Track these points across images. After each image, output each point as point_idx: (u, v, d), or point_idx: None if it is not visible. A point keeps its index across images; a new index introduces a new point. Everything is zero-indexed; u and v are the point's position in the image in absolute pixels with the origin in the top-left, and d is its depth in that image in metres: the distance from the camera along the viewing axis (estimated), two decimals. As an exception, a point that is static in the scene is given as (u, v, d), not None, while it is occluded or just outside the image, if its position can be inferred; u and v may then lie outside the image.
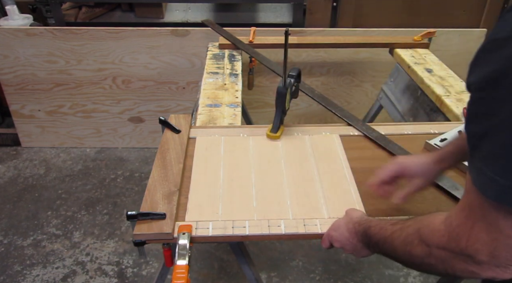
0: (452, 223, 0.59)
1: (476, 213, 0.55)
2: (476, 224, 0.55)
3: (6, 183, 2.28)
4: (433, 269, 0.63)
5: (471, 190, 0.56)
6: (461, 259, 0.58)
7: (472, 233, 0.56)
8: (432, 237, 0.61)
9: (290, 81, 1.17)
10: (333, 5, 2.33)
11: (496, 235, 0.54)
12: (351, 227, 0.82)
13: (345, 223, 0.84)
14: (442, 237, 0.60)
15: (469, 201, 0.56)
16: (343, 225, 0.84)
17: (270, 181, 1.03)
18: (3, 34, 2.19)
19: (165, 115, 1.24)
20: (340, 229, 0.84)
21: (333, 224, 0.87)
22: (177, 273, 0.79)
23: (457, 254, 0.58)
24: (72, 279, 1.77)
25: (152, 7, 2.77)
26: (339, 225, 0.85)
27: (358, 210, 0.90)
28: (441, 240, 0.60)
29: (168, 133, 1.18)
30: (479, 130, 0.53)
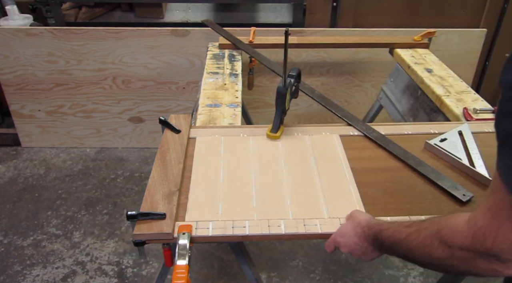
0: (477, 223, 0.58)
1: (503, 213, 0.55)
2: (504, 224, 0.55)
3: (6, 183, 2.28)
4: (454, 269, 0.63)
5: (499, 189, 0.55)
6: (486, 259, 0.58)
7: (499, 233, 0.55)
8: (455, 239, 0.61)
9: (290, 81, 1.17)
10: (333, 5, 2.33)
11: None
12: (360, 232, 0.81)
13: (353, 228, 0.83)
14: (465, 239, 0.59)
15: (497, 201, 0.56)
16: (351, 229, 0.83)
17: (270, 181, 1.03)
18: (3, 34, 2.19)
19: (165, 115, 1.24)
20: (348, 235, 0.83)
21: (339, 230, 0.86)
22: (177, 273, 0.79)
23: (482, 254, 0.58)
24: (72, 279, 1.77)
25: (152, 7, 2.77)
26: (345, 230, 0.85)
27: (365, 212, 0.89)
28: (465, 242, 0.59)
29: (168, 133, 1.18)
30: (510, 127, 0.53)
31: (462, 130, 1.20)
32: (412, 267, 1.83)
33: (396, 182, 1.03)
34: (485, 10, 2.36)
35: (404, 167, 1.09)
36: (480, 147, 1.13)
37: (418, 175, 1.05)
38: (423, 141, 1.16)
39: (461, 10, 2.37)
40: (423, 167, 1.06)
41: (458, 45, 2.30)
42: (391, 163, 1.10)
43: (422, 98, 1.59)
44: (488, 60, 2.50)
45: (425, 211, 0.94)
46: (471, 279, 1.71)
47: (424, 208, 0.95)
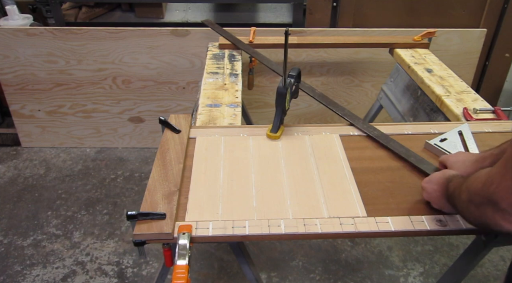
0: (491, 170, 0.64)
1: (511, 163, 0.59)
2: (509, 173, 0.59)
3: (6, 183, 2.28)
4: (472, 217, 0.70)
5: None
6: (490, 206, 0.62)
7: (502, 181, 0.60)
8: (472, 184, 0.68)
9: (290, 81, 1.17)
10: (333, 5, 2.33)
11: None
12: (443, 182, 0.87)
13: (438, 177, 0.89)
14: (479, 183, 0.66)
15: (509, 153, 0.60)
16: (436, 178, 0.90)
17: (270, 181, 1.03)
18: (3, 34, 2.19)
19: (165, 115, 1.24)
20: (432, 182, 0.90)
21: (430, 176, 0.93)
22: (177, 273, 0.79)
23: (486, 199, 0.63)
24: (72, 279, 1.77)
25: (152, 7, 2.77)
26: (431, 178, 0.92)
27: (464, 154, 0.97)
28: (478, 186, 0.66)
29: (168, 133, 1.18)
30: None
31: (462, 130, 1.20)
32: (412, 267, 1.83)
33: (396, 182, 1.03)
34: (485, 10, 2.36)
35: (404, 167, 1.09)
36: (480, 147, 1.13)
37: (418, 175, 1.05)
38: (423, 141, 1.16)
39: (461, 10, 2.37)
40: (424, 165, 1.06)
41: (458, 45, 2.30)
42: (391, 163, 1.10)
43: (422, 98, 1.59)
44: (488, 60, 2.50)
45: (425, 211, 0.94)
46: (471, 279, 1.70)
47: (424, 208, 0.95)
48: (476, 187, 0.67)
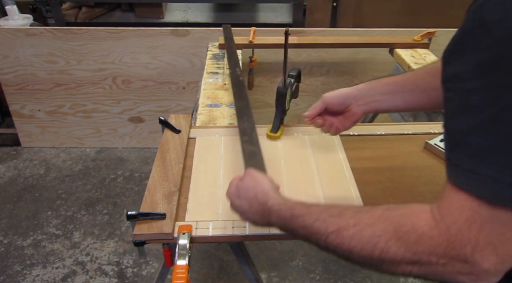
0: (450, 228, 0.50)
1: (481, 214, 0.48)
2: (485, 227, 0.48)
3: (6, 183, 2.28)
4: (408, 274, 0.56)
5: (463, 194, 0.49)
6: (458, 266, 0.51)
7: (479, 238, 0.48)
8: (423, 246, 0.52)
9: (290, 81, 1.17)
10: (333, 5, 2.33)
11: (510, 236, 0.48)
12: (258, 208, 0.70)
13: (249, 199, 0.72)
14: (438, 246, 0.51)
15: (468, 203, 0.49)
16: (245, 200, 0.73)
17: (270, 181, 1.03)
18: (3, 34, 2.19)
19: (165, 115, 1.24)
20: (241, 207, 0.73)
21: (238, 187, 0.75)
22: (177, 273, 0.79)
23: (458, 261, 0.50)
24: (72, 279, 1.77)
25: (152, 7, 2.77)
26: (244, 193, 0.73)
27: (266, 178, 0.75)
28: (437, 249, 0.51)
29: (168, 133, 1.18)
30: (467, 124, 0.47)
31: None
32: (412, 267, 1.83)
33: (396, 182, 1.03)
34: (485, 10, 2.36)
35: (404, 167, 1.09)
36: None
37: (418, 174, 1.05)
38: (423, 141, 1.16)
39: (461, 10, 2.37)
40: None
41: (458, 45, 2.30)
42: (391, 163, 1.10)
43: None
44: (488, 60, 2.49)
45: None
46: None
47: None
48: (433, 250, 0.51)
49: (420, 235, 0.52)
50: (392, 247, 0.54)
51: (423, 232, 0.52)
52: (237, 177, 0.78)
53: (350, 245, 0.58)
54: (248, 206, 0.72)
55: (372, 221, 0.57)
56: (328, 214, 0.61)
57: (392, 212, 0.57)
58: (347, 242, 0.58)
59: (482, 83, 0.46)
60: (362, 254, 0.57)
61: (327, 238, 0.60)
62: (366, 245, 0.56)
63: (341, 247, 0.59)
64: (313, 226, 0.62)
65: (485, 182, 0.46)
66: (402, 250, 0.54)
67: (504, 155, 0.45)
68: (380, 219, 0.56)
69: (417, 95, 0.82)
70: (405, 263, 0.54)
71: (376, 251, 0.55)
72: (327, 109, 0.95)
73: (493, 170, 0.46)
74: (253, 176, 0.76)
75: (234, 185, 0.77)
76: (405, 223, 0.54)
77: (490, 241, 0.48)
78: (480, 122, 0.46)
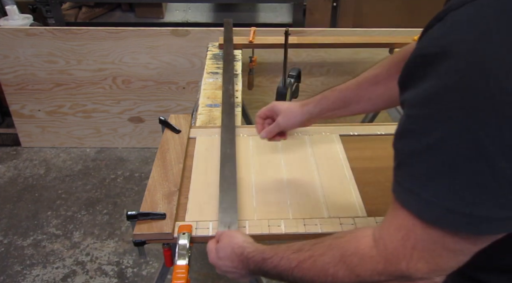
0: (387, 246, 0.55)
1: (415, 233, 0.52)
2: (418, 245, 0.52)
3: (6, 183, 2.28)
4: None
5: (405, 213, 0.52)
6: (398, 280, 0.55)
7: (413, 254, 0.52)
8: (365, 266, 0.57)
9: (290, 81, 1.17)
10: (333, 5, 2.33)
11: (440, 251, 0.52)
12: (235, 259, 0.74)
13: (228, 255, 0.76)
14: (377, 264, 0.56)
15: (406, 220, 0.52)
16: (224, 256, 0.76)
17: (270, 181, 1.03)
18: (3, 34, 2.19)
19: (165, 115, 1.24)
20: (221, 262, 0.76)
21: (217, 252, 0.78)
22: (177, 273, 0.79)
23: (396, 277, 0.55)
24: (72, 279, 1.77)
25: (152, 7, 2.77)
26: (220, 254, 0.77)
27: (236, 233, 0.80)
28: (377, 267, 0.56)
29: (168, 133, 1.18)
30: (410, 148, 0.50)
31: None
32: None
33: (396, 182, 1.03)
34: (485, 10, 2.36)
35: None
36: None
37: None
38: (423, 141, 1.16)
39: (461, 10, 2.37)
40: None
41: (458, 45, 2.30)
42: (391, 163, 1.09)
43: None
44: (488, 60, 2.49)
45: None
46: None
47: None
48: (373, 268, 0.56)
49: (362, 256, 0.57)
50: (339, 272, 0.59)
51: (364, 253, 0.57)
52: (211, 242, 0.81)
53: (309, 275, 0.63)
54: (230, 262, 0.75)
55: (323, 250, 0.62)
56: (291, 251, 0.66)
57: (338, 240, 0.62)
58: (307, 274, 0.63)
59: (423, 111, 0.48)
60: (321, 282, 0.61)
61: (292, 273, 0.65)
62: (320, 273, 0.61)
63: (305, 279, 0.63)
64: (280, 264, 0.66)
65: (421, 203, 0.49)
66: (348, 273, 0.58)
67: (436, 182, 0.48)
68: (329, 248, 0.62)
69: (363, 105, 0.88)
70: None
71: (328, 278, 0.60)
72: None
73: (428, 193, 0.49)
74: (226, 234, 0.80)
75: (212, 249, 0.80)
76: (349, 248, 0.59)
77: (422, 256, 0.52)
78: (417, 148, 0.49)
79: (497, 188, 0.45)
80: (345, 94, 0.89)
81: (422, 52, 0.50)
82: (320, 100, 0.91)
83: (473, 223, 0.47)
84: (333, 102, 0.90)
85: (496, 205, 0.46)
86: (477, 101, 0.44)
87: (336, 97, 0.89)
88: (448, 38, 0.46)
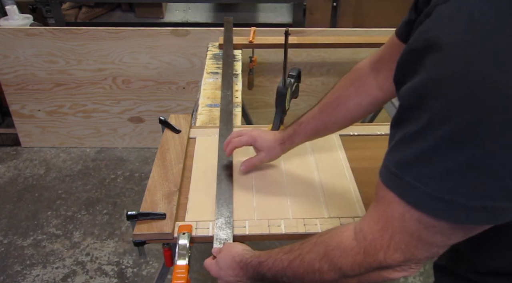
0: (366, 237, 0.57)
1: (393, 224, 0.54)
2: (395, 236, 0.54)
3: (6, 183, 2.28)
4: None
5: (385, 199, 0.55)
6: (377, 270, 0.58)
7: (390, 245, 0.55)
8: (346, 258, 0.59)
9: (290, 81, 1.17)
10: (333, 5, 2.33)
11: (415, 243, 0.54)
12: (236, 267, 0.76)
13: (228, 264, 0.78)
14: (357, 255, 0.58)
15: (385, 213, 0.55)
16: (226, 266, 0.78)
17: (270, 181, 1.03)
18: (3, 34, 2.19)
19: (165, 115, 1.24)
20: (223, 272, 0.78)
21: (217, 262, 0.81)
22: (177, 273, 0.79)
23: (374, 267, 0.57)
24: (72, 279, 1.77)
25: (152, 7, 2.78)
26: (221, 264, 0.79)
27: (236, 244, 0.83)
28: (357, 258, 0.58)
29: (168, 133, 1.18)
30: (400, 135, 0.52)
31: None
32: (412, 267, 1.83)
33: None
34: (485, 10, 2.36)
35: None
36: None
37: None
38: (423, 141, 1.16)
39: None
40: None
41: (458, 45, 2.30)
42: (391, 163, 1.10)
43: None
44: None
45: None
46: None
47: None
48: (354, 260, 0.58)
49: (343, 249, 0.60)
50: (324, 266, 0.62)
51: (345, 246, 0.60)
52: (207, 259, 0.84)
53: (299, 273, 0.65)
54: (232, 270, 0.77)
55: (309, 248, 0.65)
56: (282, 253, 0.69)
57: (323, 236, 0.65)
58: (297, 271, 0.65)
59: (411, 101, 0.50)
60: (310, 279, 0.64)
61: (285, 273, 0.67)
62: (308, 269, 0.64)
63: (296, 278, 0.66)
64: (274, 266, 0.69)
65: (403, 185, 0.51)
66: (332, 267, 0.61)
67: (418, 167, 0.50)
68: (315, 244, 0.65)
69: (330, 128, 0.97)
70: (339, 278, 0.61)
71: (316, 273, 0.63)
72: None
73: (411, 178, 0.50)
74: (226, 246, 0.83)
75: (212, 263, 0.82)
76: (332, 243, 0.62)
77: (399, 247, 0.54)
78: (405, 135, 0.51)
79: (476, 176, 0.46)
80: (312, 124, 0.95)
81: (411, 47, 0.51)
82: (293, 136, 0.98)
83: (451, 210, 0.48)
84: (304, 134, 0.97)
85: (474, 194, 0.47)
86: (459, 90, 0.45)
87: (306, 129, 0.96)
88: (435, 31, 0.48)
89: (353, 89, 0.90)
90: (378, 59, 0.88)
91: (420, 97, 0.48)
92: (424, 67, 0.48)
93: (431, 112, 0.47)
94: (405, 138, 0.51)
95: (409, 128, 0.50)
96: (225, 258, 0.79)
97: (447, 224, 0.50)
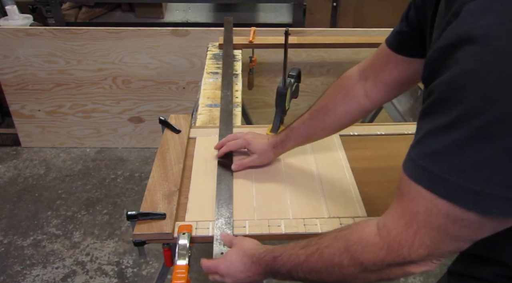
0: (390, 232, 0.57)
1: (418, 219, 0.54)
2: (420, 231, 0.54)
3: (6, 183, 2.28)
4: (367, 281, 0.62)
5: (411, 194, 0.54)
6: (400, 266, 0.58)
7: (415, 240, 0.55)
8: (368, 253, 0.59)
9: (290, 81, 1.17)
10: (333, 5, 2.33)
11: (441, 237, 0.54)
12: (248, 262, 0.75)
13: (239, 258, 0.76)
14: (380, 251, 0.58)
15: (410, 208, 0.55)
16: (236, 259, 0.76)
17: (270, 181, 1.03)
18: (3, 34, 2.19)
19: (165, 115, 1.24)
20: (234, 265, 0.76)
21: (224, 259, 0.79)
22: (177, 273, 0.79)
23: (398, 263, 0.57)
24: (72, 279, 1.77)
25: (152, 7, 2.77)
26: (231, 260, 0.77)
27: (249, 239, 0.81)
28: (380, 254, 0.58)
29: (168, 133, 1.18)
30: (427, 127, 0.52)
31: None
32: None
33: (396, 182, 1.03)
34: (485, 10, 2.36)
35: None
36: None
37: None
38: (423, 141, 1.16)
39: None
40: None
41: (458, 45, 2.30)
42: (391, 163, 1.10)
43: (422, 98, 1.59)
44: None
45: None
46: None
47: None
48: (376, 255, 0.58)
49: (365, 244, 0.60)
50: (344, 261, 0.61)
51: (368, 241, 0.60)
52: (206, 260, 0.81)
53: (317, 268, 0.65)
54: (243, 265, 0.75)
55: (328, 242, 0.65)
56: (298, 247, 0.68)
57: (343, 231, 0.65)
58: (315, 266, 0.65)
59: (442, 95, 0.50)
60: (328, 273, 0.63)
61: (302, 268, 0.66)
62: (327, 263, 0.63)
63: (313, 272, 0.65)
64: (289, 261, 0.68)
65: (431, 178, 0.51)
66: (353, 262, 0.61)
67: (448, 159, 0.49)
68: (335, 239, 0.64)
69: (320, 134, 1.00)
70: (360, 272, 0.61)
71: (335, 268, 0.62)
72: None
73: (440, 170, 0.50)
74: (237, 240, 0.82)
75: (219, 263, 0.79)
76: (353, 238, 0.62)
77: (424, 242, 0.54)
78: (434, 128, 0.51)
79: (510, 167, 0.46)
80: (303, 130, 0.98)
81: (440, 45, 0.51)
82: (285, 141, 1.01)
83: (482, 201, 0.48)
84: (295, 139, 1.00)
85: (507, 184, 0.47)
86: (494, 81, 0.45)
87: (297, 134, 0.99)
88: (467, 26, 0.48)
89: (341, 97, 0.92)
90: (366, 68, 0.89)
91: (453, 90, 0.49)
92: (456, 61, 0.48)
93: (465, 104, 0.47)
94: (435, 131, 0.51)
95: (440, 120, 0.50)
96: (237, 253, 0.77)
97: (476, 217, 0.50)
